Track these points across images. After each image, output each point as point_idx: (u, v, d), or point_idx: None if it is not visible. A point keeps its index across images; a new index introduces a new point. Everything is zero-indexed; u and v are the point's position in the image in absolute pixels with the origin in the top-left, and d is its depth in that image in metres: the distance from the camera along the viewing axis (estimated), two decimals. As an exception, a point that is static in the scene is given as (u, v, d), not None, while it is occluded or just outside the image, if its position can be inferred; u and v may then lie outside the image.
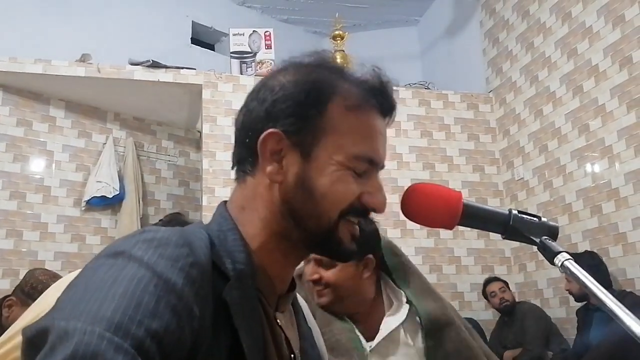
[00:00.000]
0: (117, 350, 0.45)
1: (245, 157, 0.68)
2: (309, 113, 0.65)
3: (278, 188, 0.66)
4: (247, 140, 0.67)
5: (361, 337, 1.32)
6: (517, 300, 4.02)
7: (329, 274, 1.33)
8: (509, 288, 3.94)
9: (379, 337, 1.32)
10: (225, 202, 0.72)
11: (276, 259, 0.67)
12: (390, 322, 1.34)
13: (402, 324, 1.33)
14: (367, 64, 0.71)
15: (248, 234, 0.66)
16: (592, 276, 0.60)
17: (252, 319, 0.61)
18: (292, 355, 0.69)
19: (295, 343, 0.71)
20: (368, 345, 1.31)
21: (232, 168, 0.72)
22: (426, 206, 0.71)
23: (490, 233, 0.71)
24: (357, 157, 0.65)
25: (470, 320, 3.81)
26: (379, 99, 0.69)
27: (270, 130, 0.65)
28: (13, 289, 2.57)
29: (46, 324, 0.48)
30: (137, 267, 0.52)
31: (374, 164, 0.67)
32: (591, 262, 3.13)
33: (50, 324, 0.47)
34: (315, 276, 1.32)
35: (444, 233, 4.26)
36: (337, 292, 1.33)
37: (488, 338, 3.90)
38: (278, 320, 0.68)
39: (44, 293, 1.45)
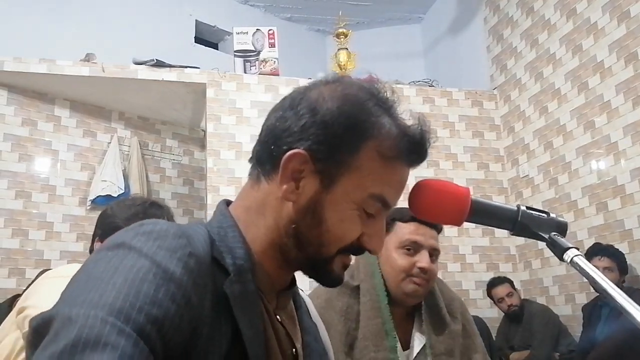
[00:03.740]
0: (120, 334, 0.47)
1: (266, 161, 0.68)
2: (341, 147, 0.64)
3: (289, 206, 0.66)
4: (273, 147, 0.66)
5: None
6: (522, 297, 4.01)
7: (434, 267, 1.34)
8: (514, 288, 3.89)
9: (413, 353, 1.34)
10: (225, 200, 0.73)
11: (273, 263, 0.68)
12: (419, 339, 1.36)
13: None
14: (373, 64, 0.69)
15: (249, 235, 0.67)
16: None
17: (253, 312, 0.61)
18: (294, 350, 0.69)
19: (297, 338, 0.72)
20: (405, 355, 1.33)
21: (250, 161, 0.71)
22: (434, 202, 0.71)
23: (496, 230, 0.70)
24: (373, 197, 0.65)
25: (475, 318, 3.80)
26: (413, 154, 0.68)
27: (298, 150, 0.64)
28: (21, 288, 2.58)
29: (50, 313, 0.50)
30: (137, 257, 0.54)
31: (386, 206, 0.67)
32: None
33: (54, 313, 0.49)
34: (429, 265, 1.32)
35: (449, 230, 4.25)
36: (431, 284, 1.36)
37: (494, 336, 3.88)
38: (278, 316, 0.69)
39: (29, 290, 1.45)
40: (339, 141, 0.64)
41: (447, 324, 1.36)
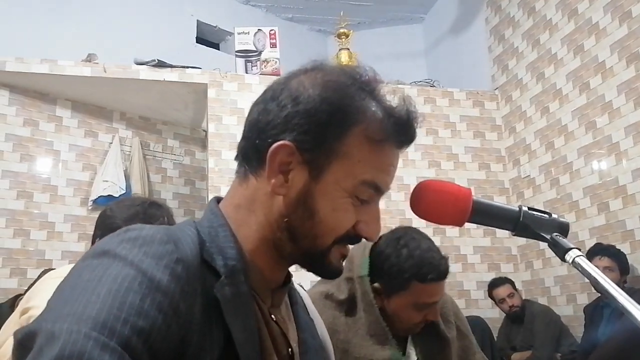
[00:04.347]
0: (104, 349, 0.46)
1: (252, 156, 0.66)
2: (327, 135, 0.63)
3: (279, 200, 0.64)
4: (257, 142, 0.65)
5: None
6: (524, 297, 4.00)
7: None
8: (515, 289, 3.88)
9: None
10: (216, 198, 0.72)
11: (267, 260, 0.67)
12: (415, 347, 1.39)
13: None
14: (374, 65, 0.68)
15: (240, 233, 0.66)
16: None
17: (245, 314, 0.60)
18: (290, 349, 0.68)
19: (293, 335, 0.70)
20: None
21: (236, 159, 0.70)
22: (436, 203, 0.71)
23: (497, 231, 0.70)
24: (365, 183, 0.64)
25: (477, 318, 3.80)
26: (401, 135, 0.66)
27: (284, 142, 0.62)
28: (22, 288, 2.58)
29: (34, 327, 0.49)
30: (122, 266, 0.53)
31: (379, 191, 0.66)
32: None
33: (38, 327, 0.48)
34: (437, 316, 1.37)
35: (450, 231, 4.25)
36: None
37: (496, 336, 3.88)
38: (273, 316, 0.67)
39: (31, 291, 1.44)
40: (324, 129, 0.63)
41: (441, 331, 1.36)
